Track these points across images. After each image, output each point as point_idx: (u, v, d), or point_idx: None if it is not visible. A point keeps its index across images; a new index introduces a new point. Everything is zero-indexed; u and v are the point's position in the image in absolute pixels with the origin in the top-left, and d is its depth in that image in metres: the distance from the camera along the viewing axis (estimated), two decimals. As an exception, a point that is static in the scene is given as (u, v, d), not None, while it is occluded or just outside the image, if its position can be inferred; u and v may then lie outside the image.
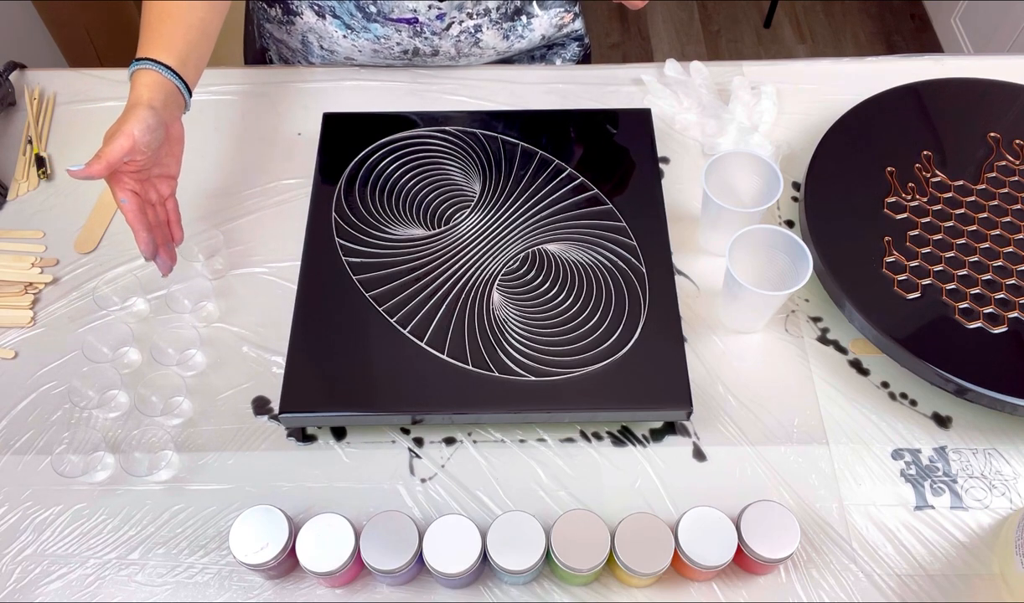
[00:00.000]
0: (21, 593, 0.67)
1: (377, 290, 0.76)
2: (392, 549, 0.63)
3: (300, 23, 0.94)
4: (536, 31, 0.97)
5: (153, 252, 0.72)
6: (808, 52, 2.17)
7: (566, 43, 1.04)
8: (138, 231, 0.71)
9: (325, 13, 0.92)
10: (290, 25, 0.95)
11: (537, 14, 0.96)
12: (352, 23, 0.92)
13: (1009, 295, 0.75)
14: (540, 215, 0.81)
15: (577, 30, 1.02)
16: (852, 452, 0.72)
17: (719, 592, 0.66)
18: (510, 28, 0.95)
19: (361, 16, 0.91)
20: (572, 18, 0.99)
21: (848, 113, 0.87)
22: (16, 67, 0.97)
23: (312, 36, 0.95)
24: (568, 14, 0.99)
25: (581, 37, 1.04)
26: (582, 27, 1.03)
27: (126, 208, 0.71)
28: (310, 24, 0.94)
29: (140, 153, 0.69)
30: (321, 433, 0.74)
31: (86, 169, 0.67)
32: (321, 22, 0.93)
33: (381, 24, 0.91)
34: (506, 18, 0.94)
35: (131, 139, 0.68)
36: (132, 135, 0.68)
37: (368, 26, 0.92)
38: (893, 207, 0.81)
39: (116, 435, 0.74)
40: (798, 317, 0.79)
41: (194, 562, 0.68)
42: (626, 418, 0.73)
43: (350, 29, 0.92)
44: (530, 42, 0.98)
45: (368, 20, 0.91)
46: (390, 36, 0.93)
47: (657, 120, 0.89)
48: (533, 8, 0.95)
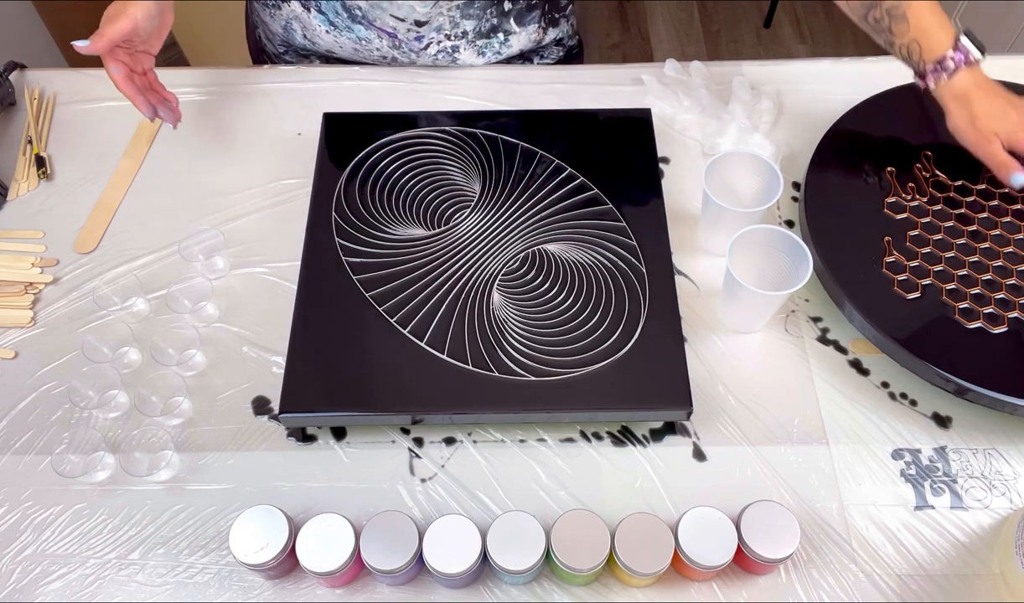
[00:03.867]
0: (21, 593, 0.67)
1: (377, 290, 0.76)
2: (392, 549, 0.63)
3: (286, 9, 0.95)
4: (514, 47, 0.97)
5: (153, 111, 0.81)
6: (808, 52, 2.17)
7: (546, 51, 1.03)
8: (133, 96, 0.79)
9: (311, 7, 0.93)
10: (276, 9, 0.96)
11: (515, 31, 0.96)
12: (336, 21, 0.92)
13: (1009, 295, 0.75)
14: (540, 215, 0.81)
15: (559, 37, 1.01)
16: (852, 452, 0.72)
17: (719, 592, 0.66)
18: (485, 45, 0.95)
19: (346, 16, 0.92)
20: (543, 33, 0.98)
21: (848, 113, 0.87)
22: (16, 67, 0.97)
23: (296, 24, 0.96)
24: (540, 30, 0.98)
25: (560, 40, 1.02)
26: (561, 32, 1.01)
27: (117, 77, 0.78)
28: (296, 12, 0.94)
29: (137, 36, 0.78)
30: (321, 433, 0.74)
31: (91, 45, 0.76)
32: (306, 13, 0.94)
33: (365, 27, 0.92)
34: (481, 36, 0.94)
35: (133, 22, 0.76)
36: (135, 18, 0.76)
37: (352, 26, 0.93)
38: (893, 207, 0.81)
39: (116, 435, 0.74)
40: (798, 317, 0.79)
41: (194, 562, 0.68)
42: (626, 418, 0.73)
43: (333, 26, 0.93)
44: (507, 56, 0.98)
45: (353, 21, 0.92)
46: (371, 40, 0.93)
47: (657, 120, 0.89)
48: (511, 25, 0.95)
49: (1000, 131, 0.75)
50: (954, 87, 0.76)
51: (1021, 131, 0.75)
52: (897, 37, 0.77)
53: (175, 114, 0.84)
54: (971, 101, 0.75)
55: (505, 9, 0.93)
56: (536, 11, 0.96)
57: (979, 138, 0.76)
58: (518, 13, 0.95)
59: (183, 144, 0.92)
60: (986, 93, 0.76)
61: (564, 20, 1.01)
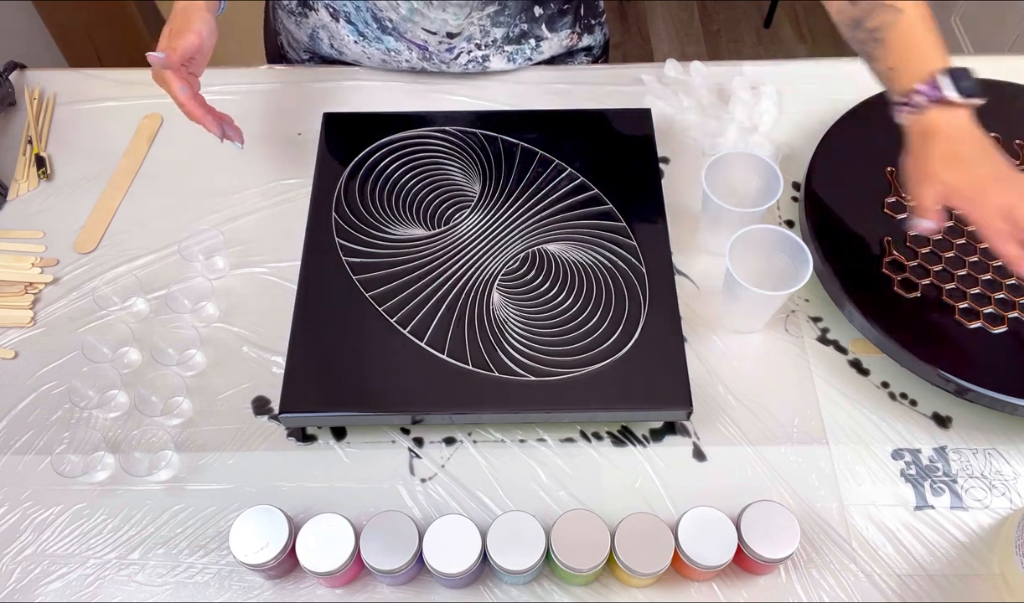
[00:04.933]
0: (21, 593, 0.67)
1: (377, 290, 0.76)
2: (392, 549, 0.63)
3: (314, 18, 0.94)
4: (545, 53, 0.97)
5: (222, 131, 0.78)
6: (808, 52, 2.17)
7: (576, 56, 1.03)
8: (202, 116, 0.76)
9: (339, 17, 0.92)
10: (303, 18, 0.95)
11: (547, 37, 0.95)
12: (366, 31, 0.92)
13: (1009, 295, 0.75)
14: (540, 215, 0.81)
15: (588, 45, 1.01)
16: (852, 452, 0.72)
17: (719, 592, 0.66)
18: (516, 51, 0.94)
19: (376, 26, 0.91)
20: (577, 39, 0.98)
21: (848, 113, 0.87)
22: (16, 67, 0.97)
23: (323, 33, 0.95)
24: (576, 35, 0.98)
25: (590, 47, 1.02)
26: (593, 41, 1.01)
27: (184, 96, 0.75)
28: (323, 22, 0.94)
29: (200, 53, 0.76)
30: (321, 433, 0.74)
31: (166, 59, 0.74)
32: (335, 24, 0.93)
33: (395, 38, 0.91)
34: (511, 42, 0.94)
35: (200, 37, 0.75)
36: (201, 34, 0.75)
37: (382, 37, 0.92)
38: (893, 207, 0.81)
39: (116, 435, 0.74)
40: (798, 317, 0.79)
41: (194, 562, 0.68)
42: (626, 418, 0.73)
43: (363, 37, 0.92)
44: (537, 61, 0.98)
45: (383, 32, 0.91)
46: (401, 51, 0.93)
47: (657, 120, 0.89)
48: (543, 31, 0.94)
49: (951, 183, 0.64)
50: (922, 123, 0.67)
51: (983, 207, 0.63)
52: (876, 62, 0.71)
53: (237, 131, 0.81)
54: (936, 141, 0.65)
55: (536, 14, 0.92)
56: (568, 16, 0.95)
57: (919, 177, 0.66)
58: (549, 18, 0.94)
59: (183, 144, 0.92)
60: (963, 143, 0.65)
61: (599, 28, 1.01)
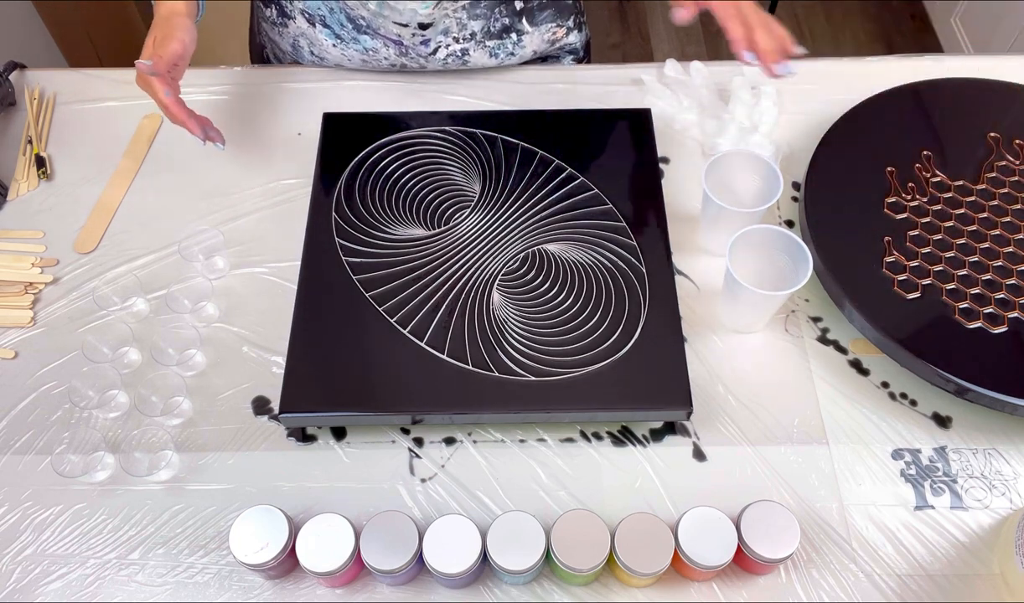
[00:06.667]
0: (21, 593, 0.67)
1: (377, 290, 0.76)
2: (392, 549, 0.63)
3: (293, 27, 0.94)
4: (527, 48, 0.96)
5: (204, 133, 0.82)
6: (808, 52, 2.17)
7: (560, 56, 1.02)
8: (186, 119, 0.80)
9: (315, 21, 0.92)
10: (283, 28, 0.96)
11: (528, 31, 0.95)
12: (342, 33, 0.92)
13: (1009, 295, 0.75)
14: (540, 215, 0.81)
15: (572, 43, 1.01)
16: (852, 452, 0.72)
17: (719, 592, 0.66)
18: (498, 45, 0.94)
19: (351, 27, 0.91)
20: (565, 33, 0.98)
21: (848, 113, 0.87)
22: (16, 67, 0.97)
23: (303, 41, 0.95)
24: (561, 29, 0.97)
25: (576, 49, 1.02)
26: (578, 39, 1.01)
27: (170, 100, 0.78)
28: (302, 29, 0.94)
29: (182, 58, 0.79)
30: (321, 433, 0.74)
31: (154, 66, 0.76)
32: (312, 29, 0.93)
33: (371, 36, 0.91)
34: (491, 37, 0.93)
35: (183, 44, 0.78)
36: (184, 41, 0.78)
37: (358, 38, 0.92)
38: (893, 207, 0.81)
39: (116, 435, 0.74)
40: (798, 317, 0.79)
41: (194, 562, 0.68)
42: (626, 418, 0.73)
43: (340, 39, 0.92)
44: (521, 58, 0.97)
45: (358, 32, 0.91)
46: (379, 49, 0.93)
47: (657, 120, 0.89)
48: (523, 25, 0.94)
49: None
50: None
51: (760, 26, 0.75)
52: None
53: (218, 133, 0.84)
54: None
55: (516, 8, 0.92)
56: (548, 11, 0.95)
57: None
58: (530, 12, 0.94)
59: (183, 144, 0.91)
60: None
61: (581, 26, 1.01)
